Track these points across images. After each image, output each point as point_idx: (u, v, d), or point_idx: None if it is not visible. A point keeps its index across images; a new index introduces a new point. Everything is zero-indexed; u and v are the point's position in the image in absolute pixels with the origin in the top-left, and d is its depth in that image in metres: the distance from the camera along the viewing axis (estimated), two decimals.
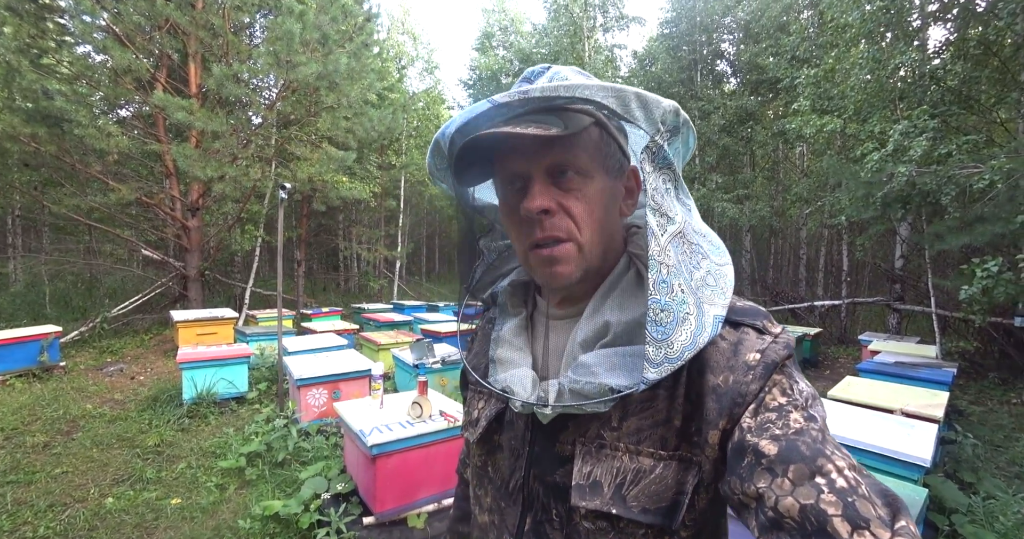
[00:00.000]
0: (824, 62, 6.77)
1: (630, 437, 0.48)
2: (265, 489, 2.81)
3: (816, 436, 0.40)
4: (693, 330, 0.44)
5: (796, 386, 0.45)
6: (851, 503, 0.35)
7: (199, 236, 7.70)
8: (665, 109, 0.46)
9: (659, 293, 0.44)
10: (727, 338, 0.47)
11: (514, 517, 0.55)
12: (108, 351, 6.42)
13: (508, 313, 0.62)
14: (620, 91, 0.44)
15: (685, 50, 10.38)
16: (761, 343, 0.46)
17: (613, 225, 0.54)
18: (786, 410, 0.42)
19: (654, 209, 0.46)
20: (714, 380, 0.45)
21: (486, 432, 0.60)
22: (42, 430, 3.76)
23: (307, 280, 12.48)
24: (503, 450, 0.58)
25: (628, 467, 0.47)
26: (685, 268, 0.46)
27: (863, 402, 2.93)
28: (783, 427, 0.41)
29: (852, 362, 6.99)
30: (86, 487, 2.89)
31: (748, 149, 10.60)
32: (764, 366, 0.44)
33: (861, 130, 5.93)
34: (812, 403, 0.44)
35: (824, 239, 11.00)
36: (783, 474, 0.38)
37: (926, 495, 1.94)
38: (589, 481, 0.48)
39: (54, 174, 7.58)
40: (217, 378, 4.26)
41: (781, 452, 0.39)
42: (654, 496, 0.46)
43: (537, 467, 0.53)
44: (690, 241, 0.48)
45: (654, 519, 0.45)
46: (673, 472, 0.46)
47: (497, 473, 0.58)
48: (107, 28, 6.51)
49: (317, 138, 8.61)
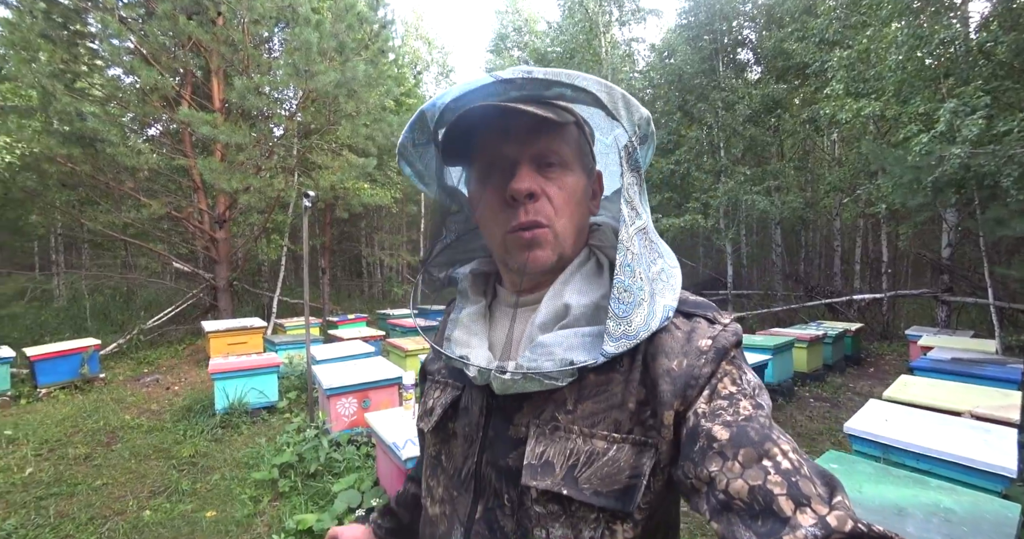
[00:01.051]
0: (857, 43, 6.43)
1: (585, 420, 0.48)
2: (298, 502, 2.77)
3: (764, 422, 0.43)
4: (646, 314, 0.48)
5: (744, 376, 0.48)
6: (795, 483, 0.37)
7: (227, 247, 7.86)
8: (642, 115, 0.51)
9: (623, 275, 0.47)
10: (681, 327, 0.50)
11: (465, 505, 0.55)
12: (144, 362, 6.59)
13: (468, 299, 0.63)
14: (611, 87, 0.48)
15: (706, 40, 10.07)
16: (712, 331, 0.49)
17: (583, 219, 0.56)
18: (736, 398, 0.45)
19: (627, 201, 0.49)
20: (668, 364, 0.47)
21: (441, 420, 0.60)
22: (83, 441, 3.83)
23: (332, 287, 12.65)
24: (457, 437, 0.58)
25: (581, 449, 0.47)
26: (645, 259, 0.51)
27: (925, 404, 2.70)
28: (734, 414, 0.43)
29: (898, 359, 6.61)
30: (125, 499, 2.91)
31: (776, 139, 10.21)
32: (716, 351, 0.47)
33: (903, 112, 5.59)
34: (759, 392, 0.47)
35: (860, 230, 10.50)
36: (733, 457, 0.40)
37: (1019, 511, 1.72)
38: (541, 461, 0.48)
39: (90, 193, 7.88)
40: (248, 388, 4.28)
41: (732, 437, 0.41)
42: (606, 479, 0.46)
43: (490, 452, 0.53)
44: (651, 239, 0.53)
45: (606, 502, 0.46)
46: (626, 455, 0.46)
47: (450, 461, 0.58)
48: (134, 50, 6.72)
49: (338, 146, 8.70)
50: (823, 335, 5.52)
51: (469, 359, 0.53)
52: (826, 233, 12.00)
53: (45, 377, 5.09)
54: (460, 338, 0.58)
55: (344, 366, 3.98)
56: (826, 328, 5.99)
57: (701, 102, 9.79)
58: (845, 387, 5.20)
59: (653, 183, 10.02)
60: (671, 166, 9.92)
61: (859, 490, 1.66)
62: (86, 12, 6.48)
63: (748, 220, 10.65)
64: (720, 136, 9.81)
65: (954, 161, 4.41)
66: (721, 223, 9.96)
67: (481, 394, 0.56)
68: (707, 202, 9.37)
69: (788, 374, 4.89)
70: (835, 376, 5.55)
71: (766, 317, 8.68)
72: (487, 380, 0.52)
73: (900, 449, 2.11)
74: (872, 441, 2.19)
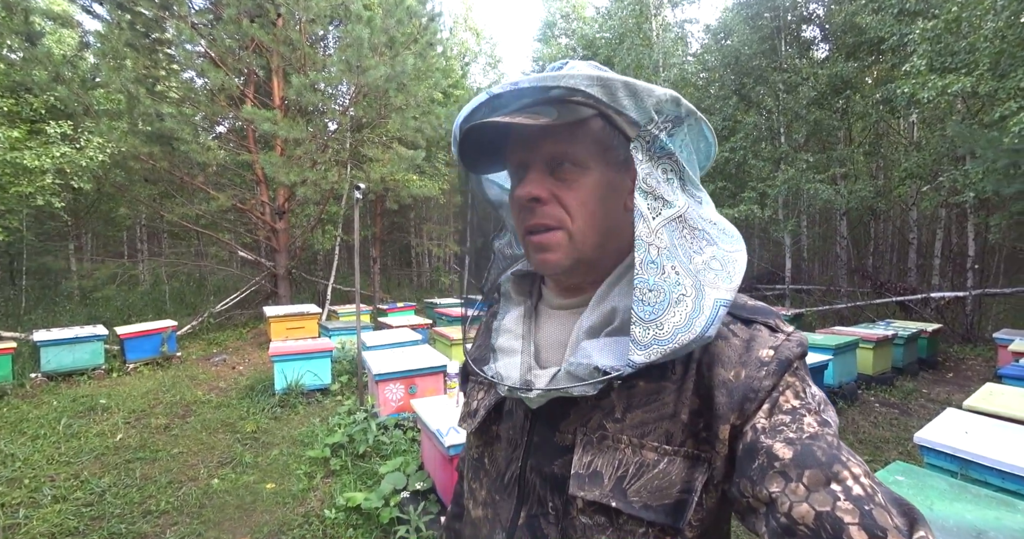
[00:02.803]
0: (945, 11, 5.76)
1: (634, 430, 0.46)
2: (348, 480, 2.92)
3: (831, 441, 0.40)
4: (690, 312, 0.43)
5: (809, 389, 0.45)
6: (868, 511, 0.34)
7: (286, 237, 8.34)
8: (660, 98, 0.46)
9: (646, 273, 0.44)
10: (739, 334, 0.47)
11: (508, 511, 0.54)
12: (214, 343, 7.17)
13: (512, 301, 0.62)
14: (607, 80, 0.45)
15: (766, 18, 9.37)
16: (775, 340, 0.46)
17: (614, 217, 0.53)
18: (799, 413, 0.42)
19: (645, 192, 0.46)
20: (725, 374, 0.44)
21: (484, 422, 0.60)
22: (163, 413, 4.24)
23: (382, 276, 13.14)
24: (501, 441, 0.57)
25: (631, 460, 0.46)
26: (682, 251, 0.46)
27: (1013, 416, 2.42)
28: (797, 430, 0.40)
29: (983, 365, 5.98)
30: (197, 467, 3.20)
31: (844, 122, 9.41)
32: (778, 363, 0.44)
33: (1000, 87, 4.96)
34: (824, 408, 0.44)
35: (941, 221, 9.52)
36: (797, 479, 0.37)
37: None
38: (589, 471, 0.47)
39: (168, 187, 8.61)
40: (304, 370, 4.55)
41: (796, 456, 0.38)
42: (656, 492, 0.44)
43: (535, 458, 0.52)
44: (692, 226, 0.48)
45: (655, 516, 0.44)
46: (678, 468, 0.44)
47: (493, 465, 0.57)
48: (204, 53, 7.21)
49: (388, 139, 8.96)
50: (893, 335, 5.09)
51: (503, 378, 0.52)
52: (900, 224, 10.97)
53: (133, 353, 5.67)
54: (504, 345, 0.57)
55: (392, 353, 4.14)
56: (897, 328, 5.52)
57: (760, 85, 9.18)
58: (917, 392, 4.78)
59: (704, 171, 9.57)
60: (725, 154, 9.40)
61: (930, 508, 1.52)
62: (164, 21, 7.02)
63: (810, 210, 9.93)
64: (780, 121, 9.17)
65: None
66: (780, 213, 9.35)
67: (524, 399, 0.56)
68: (764, 191, 8.82)
69: (851, 376, 4.56)
70: (906, 380, 5.11)
71: (828, 314, 8.11)
72: (515, 396, 0.51)
73: (982, 465, 1.91)
74: (948, 454, 1.99)
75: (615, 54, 11.58)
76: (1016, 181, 4.56)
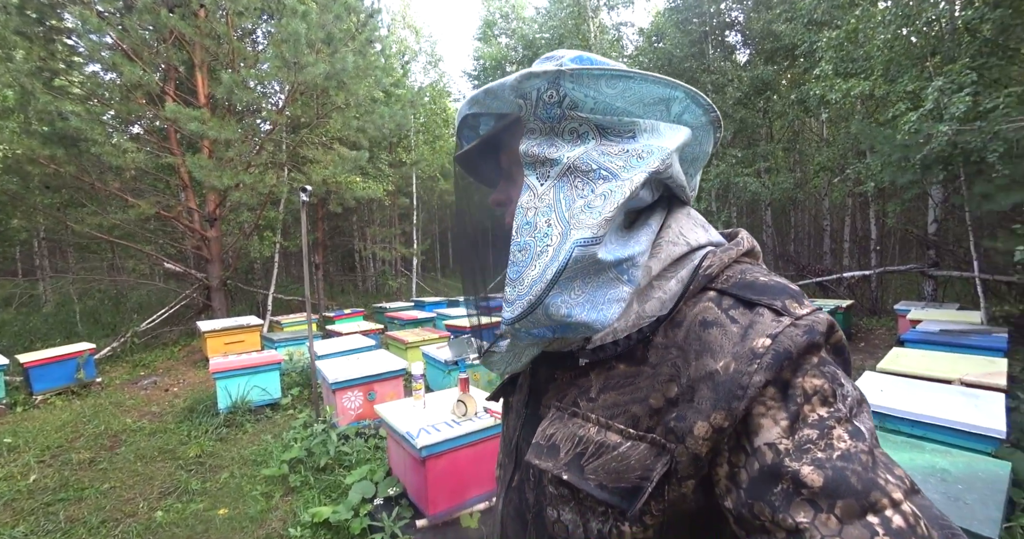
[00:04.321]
0: (845, 23, 6.44)
1: (605, 410, 0.46)
2: (311, 495, 2.79)
3: (865, 460, 0.35)
4: (547, 261, 0.42)
5: (839, 391, 0.38)
6: None
7: (219, 246, 7.75)
8: (516, 80, 0.44)
9: (520, 236, 0.45)
10: (739, 320, 0.42)
11: (508, 473, 0.59)
12: (141, 365, 6.53)
13: None
14: (474, 97, 0.49)
15: (695, 23, 10.01)
16: (775, 326, 0.39)
17: None
18: (828, 425, 0.36)
19: (531, 164, 0.46)
20: (714, 365, 0.40)
21: (501, 392, 0.67)
22: (86, 446, 3.81)
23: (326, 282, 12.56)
24: (512, 411, 0.62)
25: (592, 439, 0.46)
26: (565, 202, 0.44)
27: (917, 373, 2.81)
28: (826, 449, 0.35)
29: (888, 333, 6.77)
30: (135, 501, 2.91)
31: (766, 120, 10.25)
32: (774, 354, 0.38)
33: (891, 91, 5.63)
34: (857, 412, 0.38)
35: (849, 209, 10.64)
36: (829, 510, 0.33)
37: (1010, 469, 1.81)
38: (548, 442, 0.49)
39: (75, 194, 7.69)
40: (250, 386, 4.27)
41: (827, 484, 0.34)
42: (613, 474, 0.43)
43: (526, 428, 0.56)
44: (585, 170, 0.44)
45: (609, 497, 0.43)
46: (639, 454, 0.42)
47: (506, 431, 0.64)
48: (114, 45, 6.52)
49: (328, 140, 8.58)
50: None
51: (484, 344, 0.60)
52: (815, 213, 12.14)
53: (40, 383, 5.03)
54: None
55: (347, 360, 3.99)
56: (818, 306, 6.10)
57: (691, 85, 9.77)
58: None
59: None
60: None
61: None
62: (61, 7, 6.27)
63: (739, 202, 10.73)
64: None
65: (941, 138, 4.47)
66: (713, 206, 10.02)
67: (528, 373, 0.60)
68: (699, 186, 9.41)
69: None
70: None
71: None
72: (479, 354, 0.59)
73: (897, 417, 2.20)
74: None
75: None
76: (907, 172, 5.21)
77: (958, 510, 1.43)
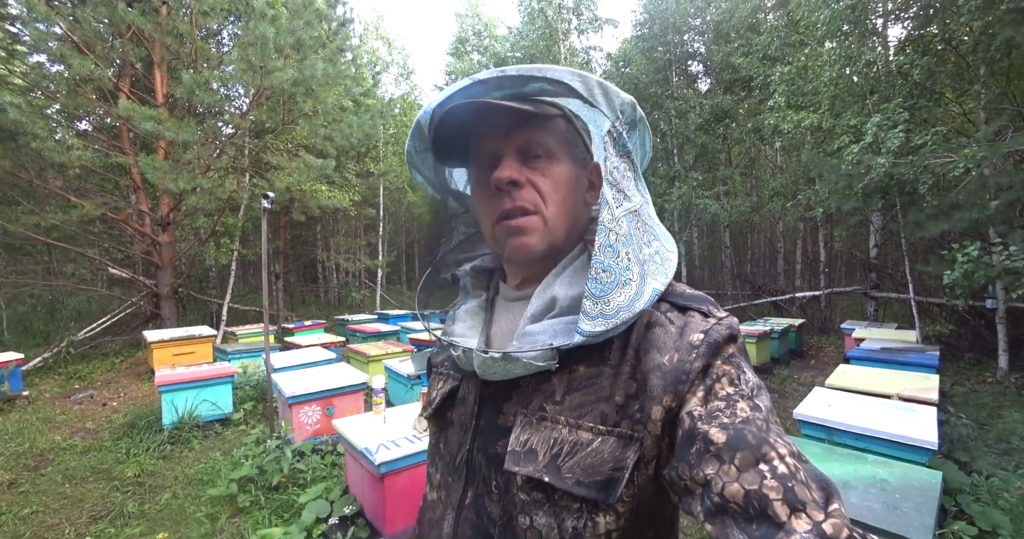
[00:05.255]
0: (796, 60, 6.95)
1: (572, 411, 0.49)
2: (260, 517, 2.63)
3: (761, 425, 0.42)
4: (632, 295, 0.48)
5: (743, 376, 0.47)
6: (790, 488, 0.37)
7: (171, 252, 7.34)
8: (624, 100, 0.52)
9: (603, 255, 0.48)
10: (675, 322, 0.50)
11: (457, 491, 0.56)
12: (76, 377, 6.03)
13: (469, 294, 0.65)
14: (585, 76, 0.50)
15: (660, 51, 10.52)
16: (705, 324, 0.48)
17: (577, 209, 0.57)
18: (733, 399, 0.44)
19: (611, 183, 0.50)
20: (660, 359, 0.47)
21: (440, 407, 0.62)
22: (6, 467, 3.46)
23: (286, 293, 12.10)
24: (454, 426, 0.60)
25: (566, 439, 0.48)
26: (636, 240, 0.51)
27: (860, 389, 2.98)
28: (731, 416, 0.43)
29: (836, 351, 7.16)
30: (60, 527, 2.66)
31: (725, 146, 10.81)
32: (707, 345, 0.47)
33: (836, 124, 6.09)
34: (758, 393, 0.46)
35: (800, 232, 11.29)
36: (730, 461, 0.40)
37: (941, 478, 1.93)
38: (525, 448, 0.49)
39: (9, 191, 7.12)
40: (199, 400, 4.03)
41: (729, 440, 0.41)
42: (589, 469, 0.46)
43: (481, 439, 0.55)
44: (644, 221, 0.53)
45: (587, 492, 0.46)
46: (611, 447, 0.46)
47: (447, 449, 0.60)
48: (64, 36, 6.17)
49: (294, 146, 8.36)
50: (770, 330, 5.89)
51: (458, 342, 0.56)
52: (770, 235, 12.81)
53: None
54: (457, 331, 0.60)
55: (305, 373, 3.84)
56: (772, 324, 6.40)
57: (656, 110, 10.22)
58: (791, 378, 5.57)
59: None
60: None
61: None
62: None
63: (700, 223, 11.19)
64: (674, 143, 10.28)
65: (879, 170, 4.86)
66: (676, 226, 10.41)
67: (476, 384, 0.57)
68: (662, 206, 9.78)
69: None
70: (782, 368, 5.94)
71: None
72: (471, 363, 0.54)
73: (842, 430, 2.32)
74: (818, 424, 2.38)
75: None
76: (851, 199, 5.61)
77: (896, 518, 1.51)
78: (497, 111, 0.50)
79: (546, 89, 0.50)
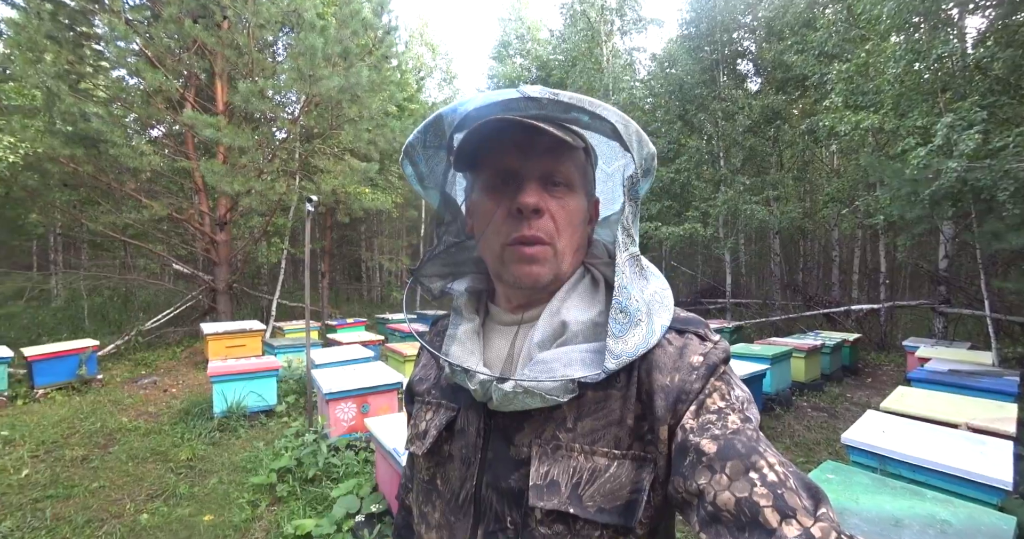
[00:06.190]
0: (856, 56, 6.51)
1: (585, 437, 0.49)
2: (296, 507, 2.76)
3: (751, 435, 0.43)
4: (645, 333, 0.49)
5: (733, 392, 0.49)
6: (780, 495, 0.38)
7: (227, 250, 7.86)
8: (650, 150, 0.55)
9: (622, 296, 0.49)
10: (674, 343, 0.51)
11: (464, 531, 0.54)
12: (142, 364, 6.57)
13: (463, 316, 0.63)
14: (627, 121, 0.51)
15: (706, 50, 10.16)
16: (704, 348, 0.51)
17: (581, 240, 0.58)
18: (724, 412, 0.46)
19: (624, 228, 0.52)
20: (662, 379, 0.48)
21: (436, 442, 0.59)
22: (80, 443, 3.82)
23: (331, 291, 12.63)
24: (454, 460, 0.57)
25: (584, 467, 0.48)
26: (637, 283, 0.53)
27: (921, 415, 2.71)
28: (722, 427, 0.44)
29: (895, 369, 6.64)
30: (122, 502, 2.90)
31: (775, 149, 10.30)
32: (707, 367, 0.49)
33: (900, 125, 5.64)
34: (747, 406, 0.48)
35: (859, 240, 10.55)
36: (721, 470, 0.41)
37: (1015, 524, 1.71)
38: (547, 481, 0.48)
39: (91, 193, 7.88)
40: (247, 391, 4.28)
41: (720, 450, 0.42)
42: (609, 495, 0.47)
43: (490, 473, 0.53)
44: (640, 264, 0.56)
45: (609, 518, 0.46)
46: (627, 471, 0.47)
47: (446, 485, 0.57)
48: (140, 52, 6.76)
49: (340, 150, 8.74)
50: (821, 345, 5.54)
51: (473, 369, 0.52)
52: (824, 243, 12.06)
53: (43, 378, 5.07)
54: (457, 354, 0.57)
55: (343, 370, 3.98)
56: (824, 338, 6.02)
57: (701, 112, 9.87)
58: (843, 397, 5.21)
59: (652, 192, 10.07)
60: (671, 175, 9.97)
61: (856, 501, 1.67)
62: (92, 14, 6.54)
63: (747, 229, 10.70)
64: (720, 146, 9.89)
65: (951, 175, 4.45)
66: (720, 232, 10.00)
67: (478, 415, 0.55)
68: (706, 211, 9.42)
69: (786, 384, 4.90)
70: (833, 386, 5.57)
71: (764, 326, 8.69)
72: (487, 393, 0.51)
73: (897, 460, 2.12)
74: (869, 452, 2.20)
75: (568, 76, 12.06)
76: (916, 207, 5.17)
77: None
78: (534, 131, 0.48)
79: (583, 121, 0.51)
